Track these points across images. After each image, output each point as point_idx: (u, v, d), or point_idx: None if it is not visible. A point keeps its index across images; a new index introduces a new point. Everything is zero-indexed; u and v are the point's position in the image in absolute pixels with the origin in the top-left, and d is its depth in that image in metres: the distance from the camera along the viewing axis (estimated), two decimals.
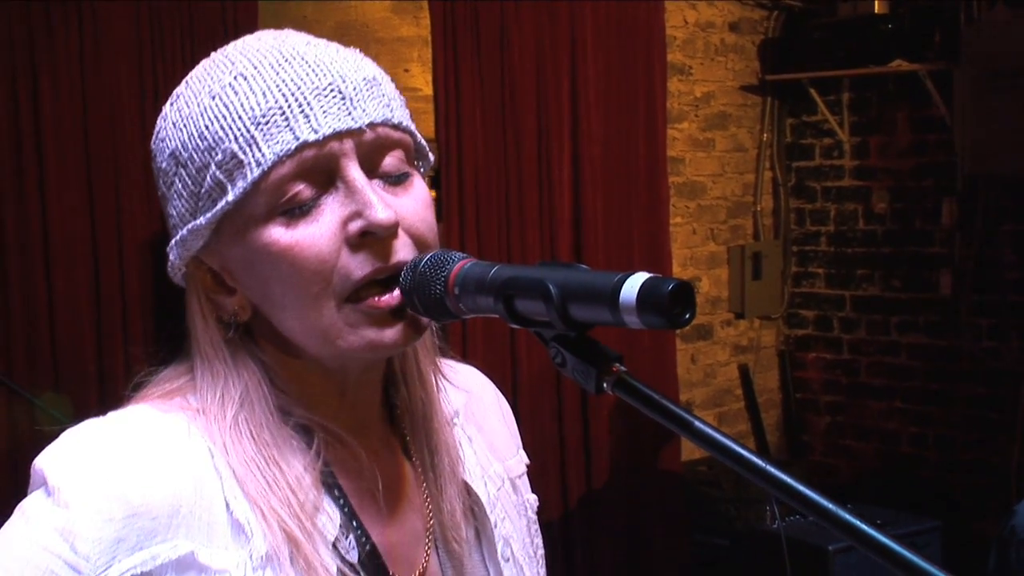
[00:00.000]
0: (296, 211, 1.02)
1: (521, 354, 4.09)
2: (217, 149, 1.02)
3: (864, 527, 0.82)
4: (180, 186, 1.06)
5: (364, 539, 1.09)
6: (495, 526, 1.20)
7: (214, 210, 1.03)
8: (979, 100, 4.52)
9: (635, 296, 0.86)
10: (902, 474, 5.05)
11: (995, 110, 4.47)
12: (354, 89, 1.04)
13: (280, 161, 1.01)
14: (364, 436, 1.14)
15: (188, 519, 1.01)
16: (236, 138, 1.02)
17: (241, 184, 1.01)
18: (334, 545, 1.06)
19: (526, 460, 1.33)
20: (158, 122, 1.10)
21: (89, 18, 3.40)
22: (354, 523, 1.09)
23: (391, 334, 1.04)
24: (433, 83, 4.01)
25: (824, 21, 4.98)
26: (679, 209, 4.95)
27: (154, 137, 1.10)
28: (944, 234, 4.89)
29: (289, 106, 1.01)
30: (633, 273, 0.88)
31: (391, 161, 1.06)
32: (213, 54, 1.10)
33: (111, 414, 1.06)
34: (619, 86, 4.33)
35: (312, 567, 1.02)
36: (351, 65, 1.06)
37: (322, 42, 1.09)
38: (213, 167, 1.02)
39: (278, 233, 1.02)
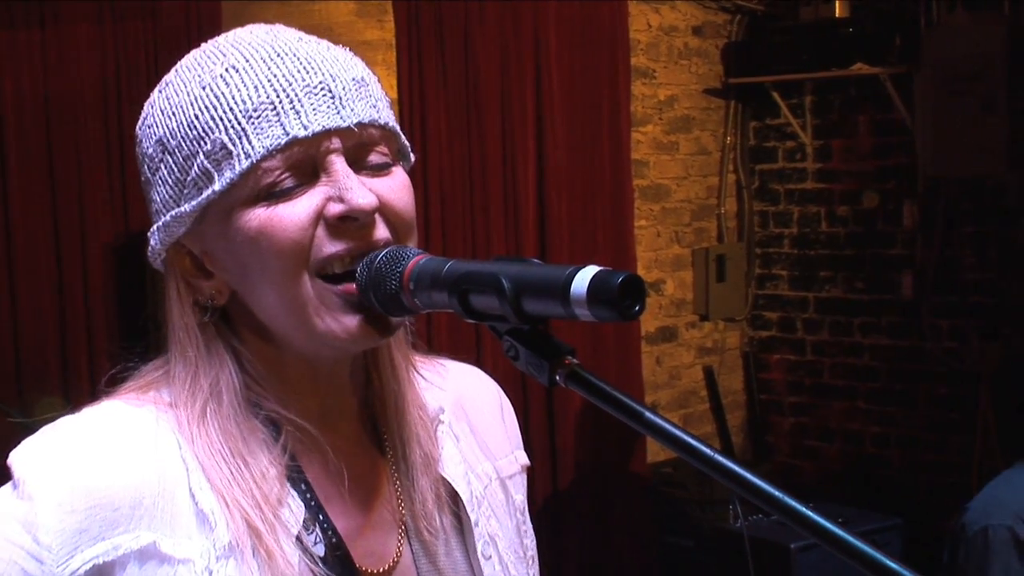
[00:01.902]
0: (277, 194, 1.04)
1: (487, 355, 4.09)
2: (206, 139, 1.04)
3: (825, 523, 0.82)
4: (165, 173, 1.08)
5: (330, 532, 1.10)
6: (476, 524, 1.20)
7: (199, 198, 1.06)
8: (939, 103, 4.57)
9: (586, 289, 0.88)
10: (865, 474, 5.10)
11: (955, 113, 4.52)
12: (343, 88, 1.06)
13: (270, 154, 1.03)
14: (336, 427, 1.15)
15: (151, 510, 1.03)
16: (226, 129, 1.04)
17: (229, 175, 1.04)
18: (298, 538, 1.07)
19: (524, 461, 1.33)
20: (145, 108, 1.12)
21: (51, 18, 3.38)
22: (320, 516, 1.10)
23: (350, 323, 1.06)
24: (397, 86, 4.00)
25: (786, 25, 5.02)
26: (643, 212, 4.96)
27: (140, 123, 1.12)
28: (905, 236, 4.94)
29: (280, 101, 1.04)
30: (584, 267, 0.89)
31: (375, 157, 1.09)
32: (205, 44, 1.12)
33: (85, 409, 1.08)
34: (583, 89, 4.34)
35: (273, 558, 1.04)
36: (341, 64, 1.09)
37: (314, 39, 1.11)
38: (201, 156, 1.05)
39: (258, 212, 1.04)
